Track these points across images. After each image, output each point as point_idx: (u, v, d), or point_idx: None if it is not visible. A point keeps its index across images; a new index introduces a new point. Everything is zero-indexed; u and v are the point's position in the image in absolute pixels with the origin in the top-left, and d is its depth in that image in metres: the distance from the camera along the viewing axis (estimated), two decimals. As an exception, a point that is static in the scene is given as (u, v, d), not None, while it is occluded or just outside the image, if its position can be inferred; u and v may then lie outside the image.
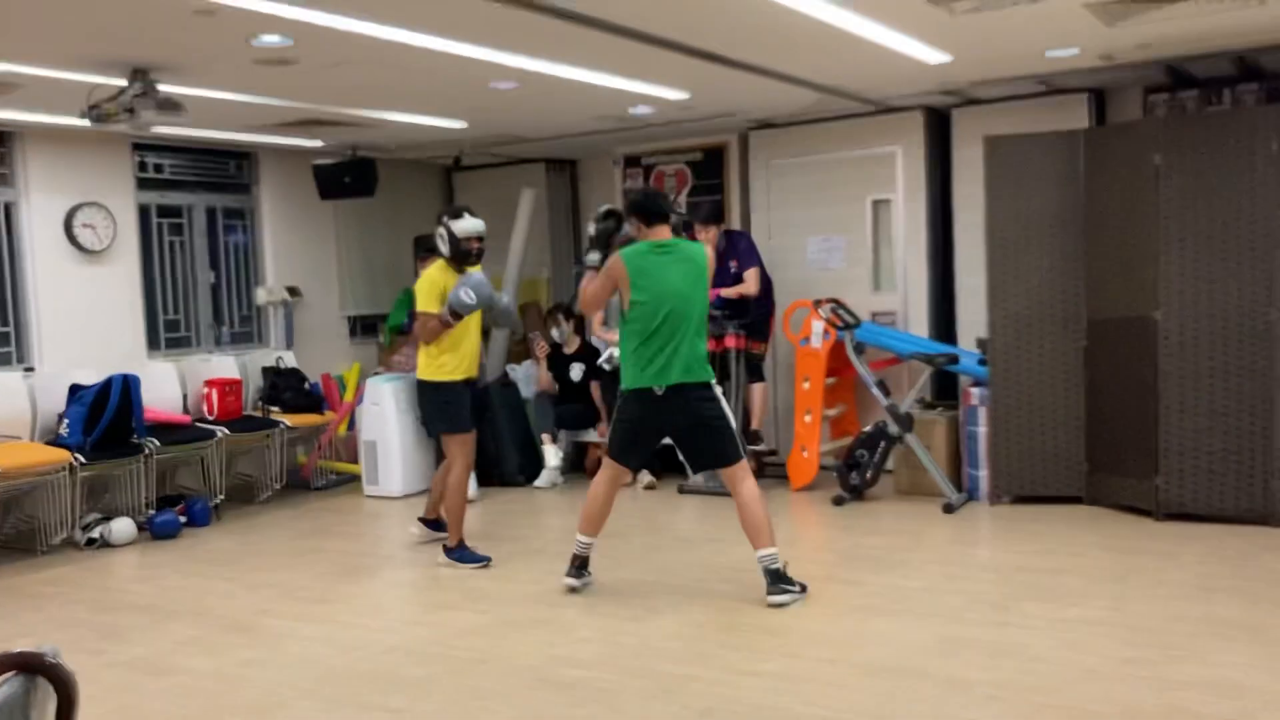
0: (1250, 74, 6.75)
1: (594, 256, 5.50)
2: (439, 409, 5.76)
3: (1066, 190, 6.41)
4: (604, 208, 5.39)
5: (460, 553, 5.74)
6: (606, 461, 5.13)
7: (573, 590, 5.12)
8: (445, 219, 5.69)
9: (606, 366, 7.51)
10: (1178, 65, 6.53)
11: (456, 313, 5.53)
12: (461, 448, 5.76)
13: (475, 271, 5.71)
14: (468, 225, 5.65)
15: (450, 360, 5.70)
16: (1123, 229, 6.16)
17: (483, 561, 5.71)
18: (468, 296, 5.50)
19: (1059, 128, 6.76)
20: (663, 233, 5.00)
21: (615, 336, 7.09)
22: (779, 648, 4.29)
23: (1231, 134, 5.79)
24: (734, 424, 4.98)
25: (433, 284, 5.65)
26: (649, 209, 5.02)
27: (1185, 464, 5.95)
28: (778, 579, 4.78)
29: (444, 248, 5.69)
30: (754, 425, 7.59)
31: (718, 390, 4.96)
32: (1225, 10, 5.12)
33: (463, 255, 5.67)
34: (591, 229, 5.41)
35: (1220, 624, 4.33)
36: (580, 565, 5.16)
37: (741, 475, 4.88)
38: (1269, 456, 5.75)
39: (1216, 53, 6.15)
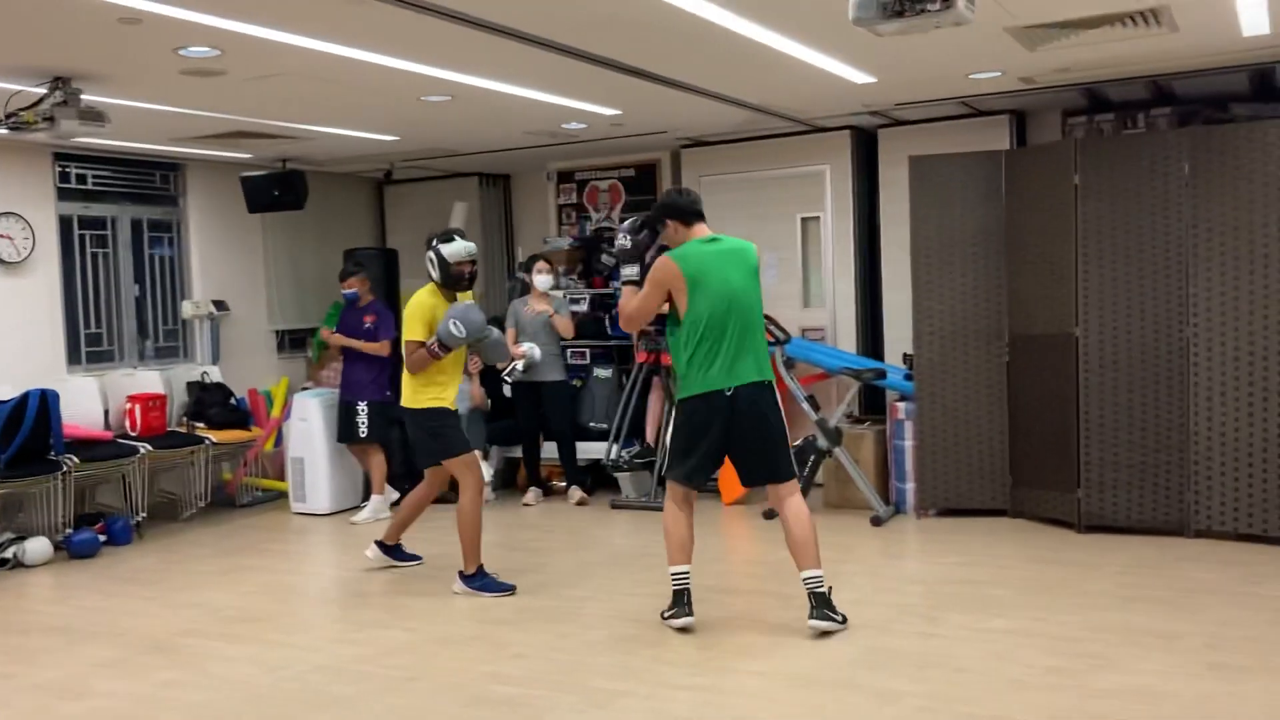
0: (1164, 98, 6.97)
1: (632, 270, 4.88)
2: (433, 436, 5.42)
3: (988, 209, 6.55)
4: (634, 220, 4.95)
5: (482, 580, 5.40)
6: (670, 487, 4.77)
7: (685, 629, 4.63)
8: (435, 243, 5.40)
9: (508, 379, 7.46)
10: (1095, 89, 6.72)
11: (445, 345, 5.26)
12: (469, 470, 5.45)
13: (465, 300, 5.49)
14: (459, 248, 5.36)
15: (438, 387, 5.39)
16: (1043, 247, 6.30)
17: (507, 590, 5.36)
18: (456, 329, 5.21)
19: (981, 148, 6.92)
20: (703, 229, 4.72)
21: (523, 350, 7.10)
22: (710, 661, 4.30)
23: (1146, 156, 5.96)
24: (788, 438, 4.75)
25: (421, 309, 5.34)
26: (686, 208, 4.73)
27: (1105, 477, 6.10)
28: (823, 603, 4.53)
29: (434, 273, 5.42)
30: None
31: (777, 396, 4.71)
32: (1140, 37, 5.28)
33: (454, 280, 5.40)
34: (626, 242, 4.90)
35: (1140, 633, 4.44)
36: (682, 600, 4.67)
37: (790, 492, 4.64)
38: (1184, 469, 5.92)
39: (1132, 77, 6.34)
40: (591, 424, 7.95)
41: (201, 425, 7.62)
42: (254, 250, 8.82)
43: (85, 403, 7.22)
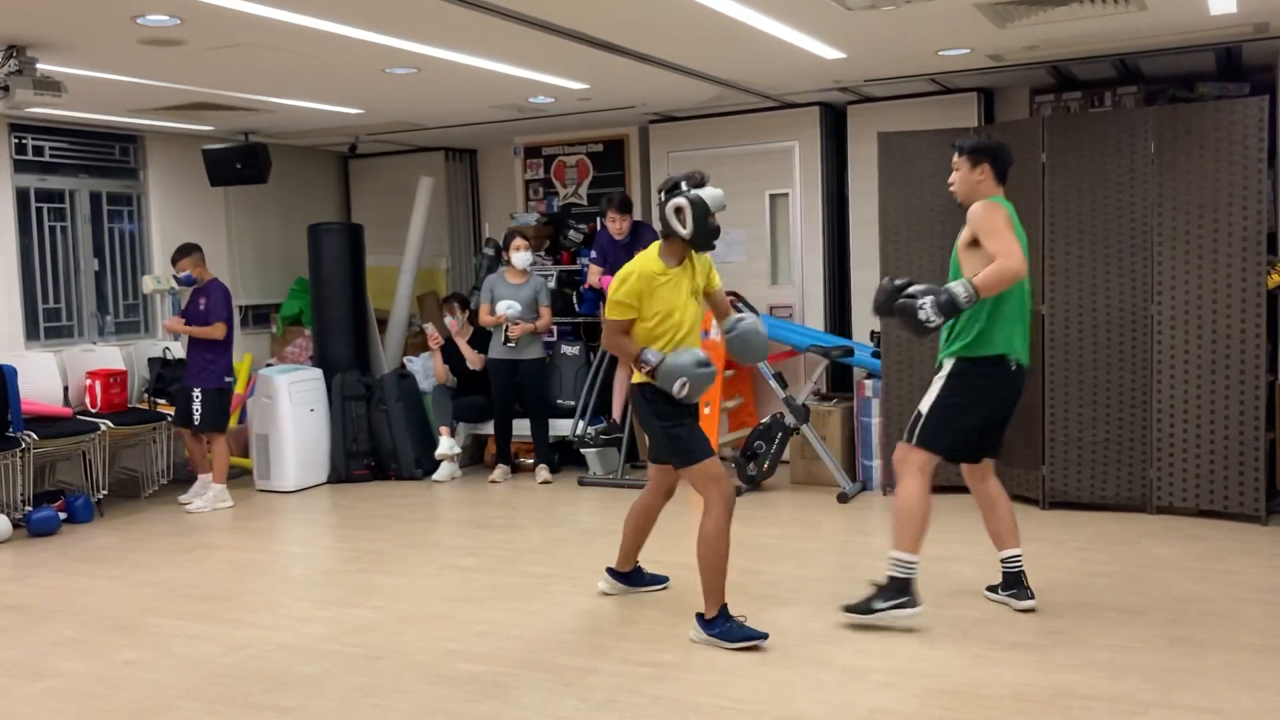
0: (1131, 77, 7.00)
1: (962, 292, 4.17)
2: (668, 425, 4.26)
3: (958, 187, 6.54)
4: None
5: (724, 627, 4.18)
6: (919, 454, 4.33)
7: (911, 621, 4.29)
8: (684, 187, 4.19)
9: (511, 345, 7.46)
10: (1063, 67, 6.74)
11: (653, 374, 4.19)
12: (716, 483, 4.21)
13: (697, 354, 4.26)
14: (717, 192, 4.20)
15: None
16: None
17: (758, 638, 4.15)
18: (681, 390, 4.17)
19: (950, 126, 6.92)
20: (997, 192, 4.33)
21: (505, 315, 7.11)
22: (677, 638, 4.30)
23: (1113, 135, 5.98)
24: None
25: (644, 281, 4.22)
26: (1008, 163, 4.41)
27: (1070, 454, 6.15)
28: (1021, 583, 4.43)
29: (683, 226, 4.18)
30: None
31: None
32: (1108, 14, 5.29)
33: (711, 234, 4.22)
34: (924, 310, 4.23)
35: (1102, 608, 4.48)
36: (903, 588, 4.26)
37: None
38: (1148, 446, 5.97)
39: (1100, 56, 6.36)
40: (559, 400, 7.92)
41: (163, 402, 7.52)
42: (216, 225, 8.71)
43: (44, 379, 7.12)
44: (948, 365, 4.36)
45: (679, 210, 4.19)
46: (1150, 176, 5.87)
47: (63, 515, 6.65)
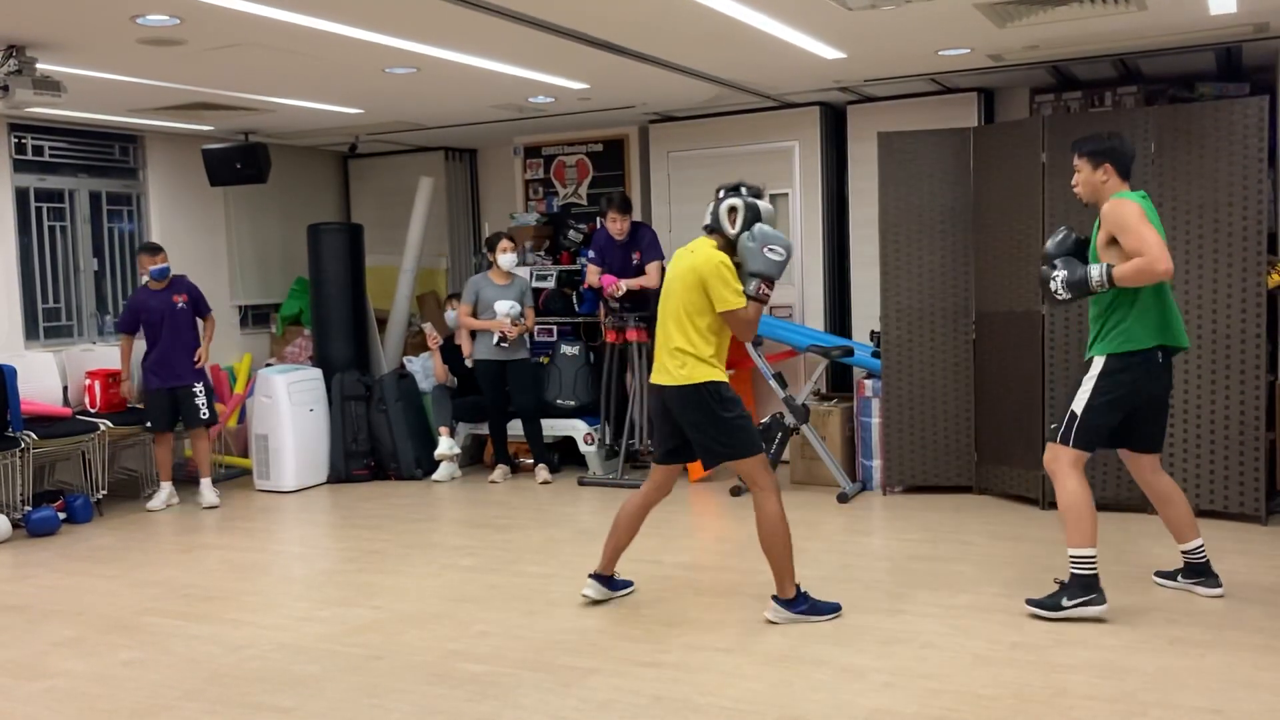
0: (1131, 77, 7.00)
1: (1096, 274, 4.28)
2: (729, 419, 4.36)
3: (956, 186, 6.56)
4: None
5: (809, 603, 4.45)
6: (1075, 456, 4.36)
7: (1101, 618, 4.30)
8: (745, 192, 4.46)
9: (505, 345, 7.45)
10: (1063, 67, 6.74)
11: (770, 279, 4.37)
12: (767, 470, 4.44)
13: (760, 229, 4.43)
14: (770, 208, 4.53)
15: (721, 351, 4.45)
16: (1010, 225, 6.32)
17: (838, 611, 4.48)
18: (775, 254, 4.35)
19: (950, 126, 6.93)
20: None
21: (503, 315, 7.12)
22: (677, 639, 4.30)
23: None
24: None
25: (729, 268, 4.39)
26: (1129, 159, 4.41)
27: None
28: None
29: (733, 226, 4.43)
30: None
31: None
32: (1109, 14, 5.29)
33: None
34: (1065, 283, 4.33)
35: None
36: (1088, 585, 4.29)
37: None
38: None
39: (1100, 56, 6.36)
40: (559, 401, 7.92)
41: (163, 402, 7.51)
42: (216, 224, 8.71)
43: (43, 378, 7.11)
44: (1098, 363, 4.38)
45: (732, 210, 4.42)
46: (1150, 177, 5.87)
47: (62, 515, 6.65)
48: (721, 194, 4.50)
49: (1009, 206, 6.32)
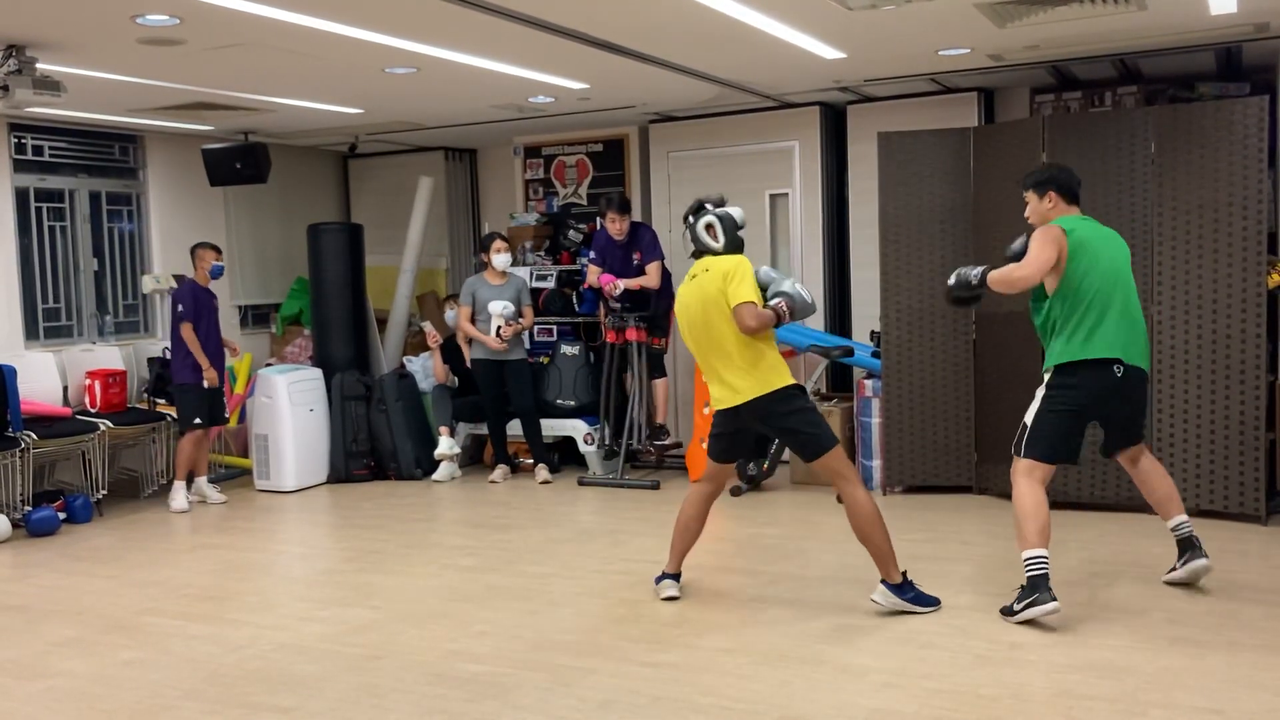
0: (1131, 77, 7.00)
1: (975, 272, 4.70)
2: (812, 416, 4.56)
3: (957, 186, 6.56)
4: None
5: (915, 592, 4.53)
6: (1027, 465, 4.49)
7: (1052, 614, 4.26)
8: (710, 207, 4.68)
9: (504, 340, 7.45)
10: (1063, 67, 6.74)
11: (794, 306, 4.56)
12: (848, 461, 4.63)
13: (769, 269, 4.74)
14: (739, 211, 4.73)
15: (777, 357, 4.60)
16: (1010, 225, 6.28)
17: (937, 605, 4.55)
18: (807, 300, 4.60)
19: (950, 125, 6.92)
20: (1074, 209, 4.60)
21: (499, 315, 7.13)
22: (677, 639, 4.30)
23: (1113, 135, 5.98)
24: None
25: (750, 272, 4.54)
26: (1072, 184, 4.61)
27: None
28: (1196, 545, 4.58)
29: (717, 241, 4.62)
30: (658, 419, 7.62)
31: None
32: (1108, 14, 5.29)
33: (740, 246, 4.68)
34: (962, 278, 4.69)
35: (1102, 608, 4.48)
36: (1038, 585, 4.28)
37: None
38: (1148, 446, 5.95)
39: (1100, 56, 6.35)
40: (559, 401, 7.92)
41: (163, 402, 7.52)
42: (216, 224, 8.70)
43: (43, 379, 7.12)
44: (1046, 377, 4.54)
45: (710, 226, 4.64)
46: (1150, 177, 5.87)
47: (62, 515, 6.65)
48: (690, 219, 4.70)
49: (1009, 206, 6.30)
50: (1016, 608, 4.34)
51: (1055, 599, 4.24)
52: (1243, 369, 5.71)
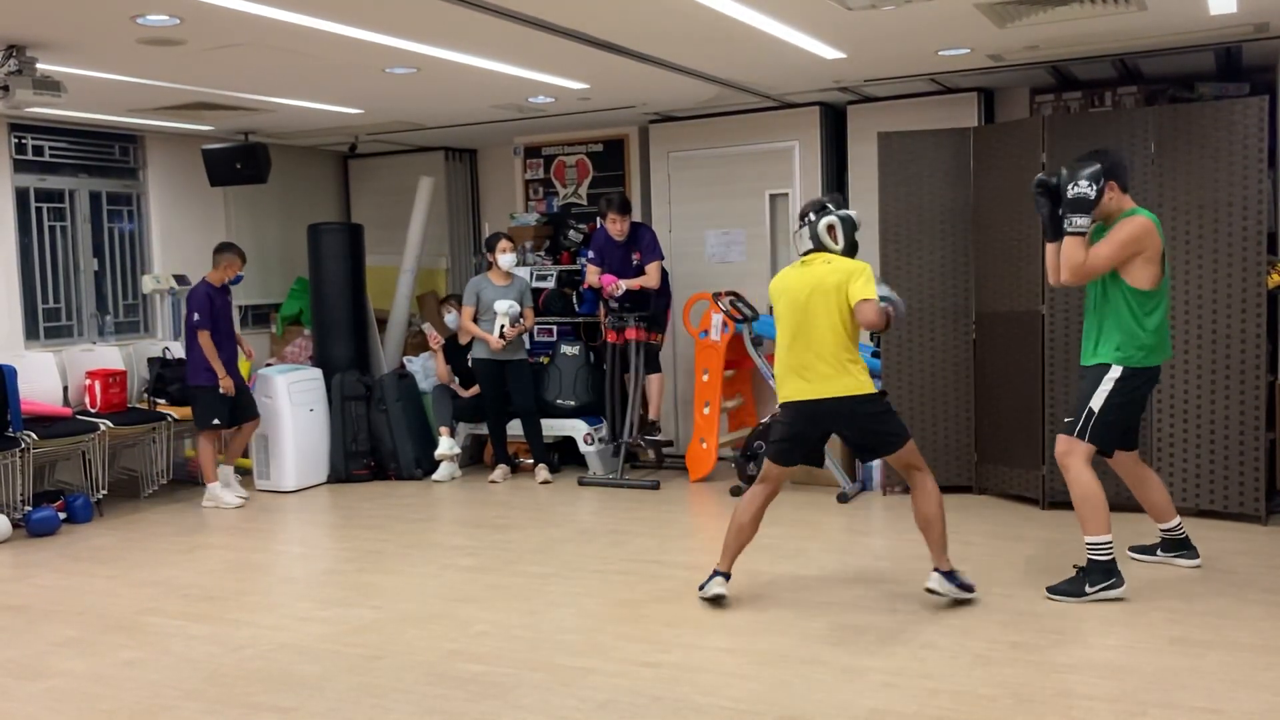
0: (1131, 77, 7.00)
1: (1083, 222, 4.50)
2: (891, 418, 4.65)
3: (957, 186, 6.56)
4: (1095, 168, 4.46)
5: (962, 580, 4.65)
6: (1083, 447, 4.60)
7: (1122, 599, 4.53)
8: (829, 208, 4.68)
9: (505, 339, 7.45)
10: (1063, 67, 6.74)
11: (895, 309, 4.58)
12: (918, 452, 4.70)
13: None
14: (855, 213, 4.76)
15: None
16: (1010, 225, 6.32)
17: (971, 590, 4.67)
18: (900, 305, 4.64)
19: (950, 125, 6.92)
20: (1130, 201, 4.68)
21: (503, 314, 7.14)
22: (677, 639, 4.30)
23: (1113, 135, 5.98)
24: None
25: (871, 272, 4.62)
26: (1127, 171, 4.70)
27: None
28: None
29: (836, 242, 4.64)
30: (651, 416, 7.62)
31: None
32: (1108, 14, 5.29)
33: (856, 248, 4.70)
34: (1090, 190, 4.44)
35: (1102, 608, 4.48)
36: (1108, 570, 4.56)
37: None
38: (1147, 446, 5.96)
39: (1100, 56, 6.35)
40: (559, 401, 7.92)
41: (163, 402, 7.52)
42: (216, 224, 8.70)
43: (43, 379, 7.11)
44: (1116, 370, 4.58)
45: (831, 227, 4.65)
46: (1150, 177, 5.87)
47: (62, 515, 6.65)
48: (812, 215, 4.69)
49: (1009, 206, 6.32)
50: (1089, 589, 4.53)
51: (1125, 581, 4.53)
52: (1243, 369, 5.71)
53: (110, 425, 6.98)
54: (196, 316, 6.99)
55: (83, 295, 7.87)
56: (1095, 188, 4.45)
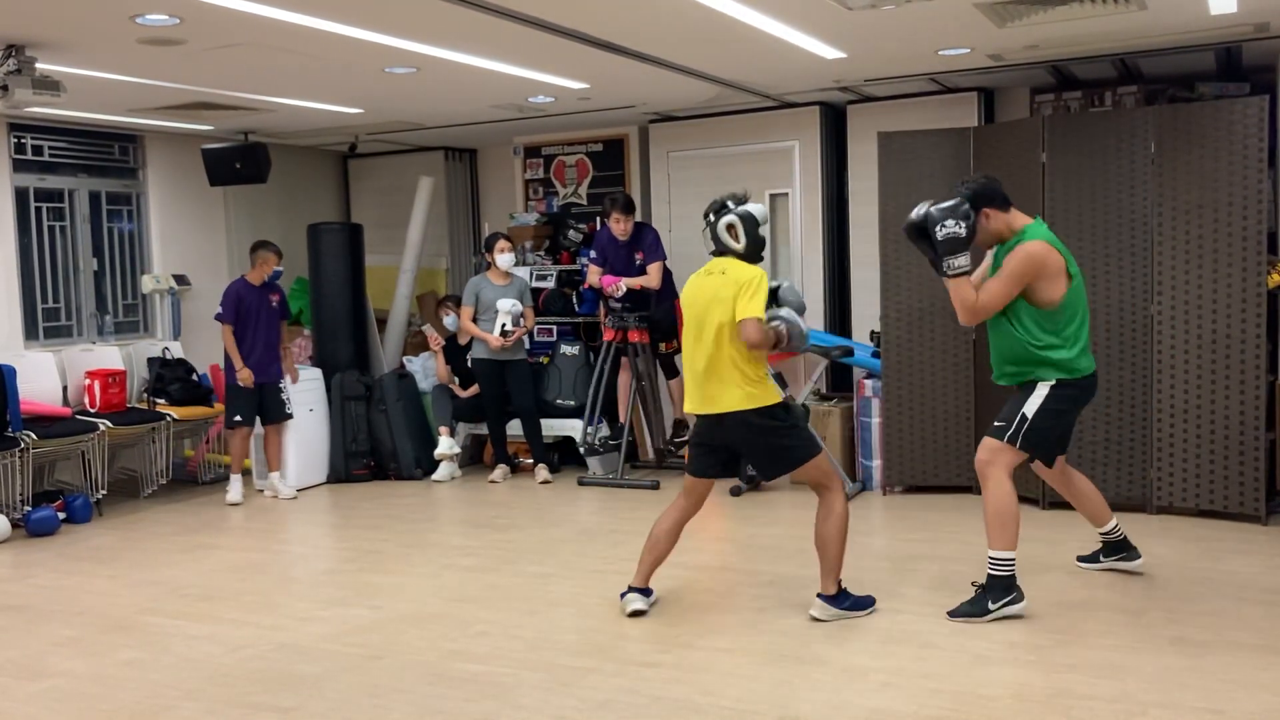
0: (1131, 77, 6.99)
1: (961, 262, 4.37)
2: (792, 432, 4.43)
3: (958, 186, 6.55)
4: (956, 203, 4.40)
5: (853, 599, 4.51)
6: (1009, 455, 4.43)
7: (1021, 615, 4.40)
8: (730, 206, 4.54)
9: (506, 339, 7.45)
10: (1063, 67, 6.73)
11: (783, 343, 4.44)
12: (831, 473, 4.53)
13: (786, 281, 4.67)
14: (761, 208, 4.57)
15: (768, 373, 4.49)
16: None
17: (873, 604, 4.57)
18: (803, 341, 4.48)
19: (950, 125, 6.92)
20: (1020, 217, 4.54)
21: (504, 314, 7.15)
22: (676, 639, 4.30)
23: (1113, 135, 5.98)
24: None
25: (765, 285, 4.41)
26: (1002, 193, 4.53)
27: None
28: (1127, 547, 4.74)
29: (737, 242, 4.49)
30: (677, 415, 7.67)
31: None
32: (1109, 14, 5.29)
33: (762, 246, 4.55)
34: (959, 229, 4.33)
35: (1102, 608, 4.48)
36: (1009, 585, 4.39)
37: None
38: (1148, 446, 5.96)
39: (1100, 55, 6.35)
40: (559, 401, 7.92)
41: (162, 401, 7.51)
42: (216, 224, 8.70)
43: (43, 379, 7.11)
44: (1045, 385, 4.46)
45: (731, 227, 4.49)
46: (1150, 176, 5.87)
47: (62, 515, 6.64)
48: (711, 216, 4.55)
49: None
50: (993, 606, 4.36)
51: (1016, 603, 4.40)
52: (1243, 369, 5.71)
53: (110, 425, 6.98)
54: (220, 311, 7.13)
55: (82, 295, 7.87)
56: (965, 225, 4.33)
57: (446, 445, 7.79)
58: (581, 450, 7.59)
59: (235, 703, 3.80)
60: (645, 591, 4.66)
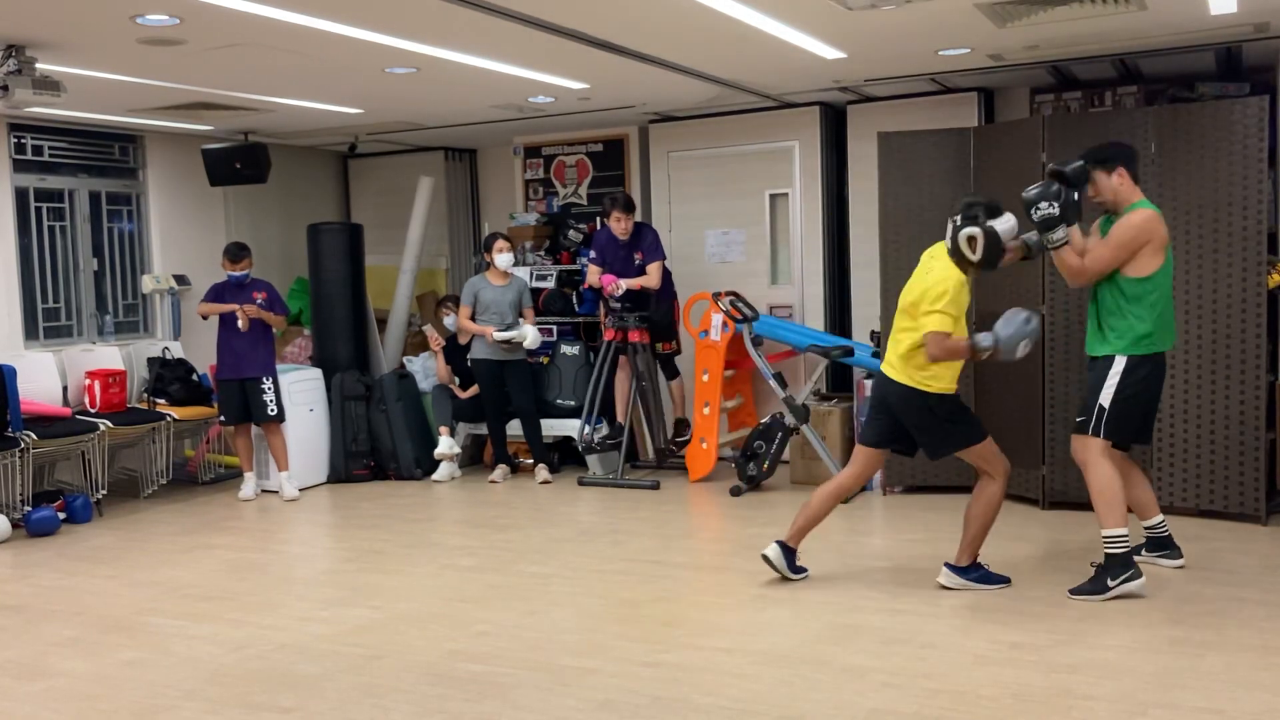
0: (1131, 77, 7.00)
1: (1060, 235, 4.55)
2: (950, 422, 4.65)
3: (957, 186, 6.55)
4: (1050, 186, 4.51)
5: (980, 572, 4.81)
6: (1097, 443, 4.62)
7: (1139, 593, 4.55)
8: (981, 216, 4.51)
9: (504, 341, 7.44)
10: (1063, 67, 6.74)
11: (1002, 349, 4.52)
12: (999, 458, 4.75)
13: (1018, 313, 4.58)
14: (1012, 225, 4.56)
15: (945, 371, 4.62)
16: (1011, 225, 6.31)
17: (1006, 581, 4.82)
18: (1024, 349, 4.54)
19: (950, 125, 6.92)
20: (1138, 192, 4.70)
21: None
22: (677, 639, 4.30)
23: (1113, 134, 5.95)
24: None
25: (959, 294, 4.51)
26: (1136, 159, 4.72)
27: (1069, 454, 6.12)
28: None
29: (974, 251, 4.51)
30: (678, 414, 7.69)
31: None
32: (1109, 14, 5.29)
33: (996, 262, 4.59)
34: (1053, 209, 4.48)
35: (1101, 608, 4.48)
36: (1126, 562, 4.55)
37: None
38: (1148, 446, 5.95)
39: (1100, 55, 6.35)
40: (559, 400, 7.92)
41: (163, 401, 7.52)
42: (216, 224, 8.71)
43: (43, 379, 7.11)
44: (1120, 362, 4.64)
45: (971, 240, 4.54)
46: (1150, 177, 5.86)
47: (62, 515, 6.64)
48: (959, 220, 4.59)
49: (1009, 206, 6.28)
50: (1111, 583, 4.54)
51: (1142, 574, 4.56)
52: (1243, 369, 5.71)
53: (110, 425, 6.98)
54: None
55: (82, 295, 7.87)
56: (1057, 203, 4.52)
57: (446, 445, 7.79)
58: (580, 449, 7.59)
59: (235, 703, 3.80)
60: (789, 551, 4.97)
